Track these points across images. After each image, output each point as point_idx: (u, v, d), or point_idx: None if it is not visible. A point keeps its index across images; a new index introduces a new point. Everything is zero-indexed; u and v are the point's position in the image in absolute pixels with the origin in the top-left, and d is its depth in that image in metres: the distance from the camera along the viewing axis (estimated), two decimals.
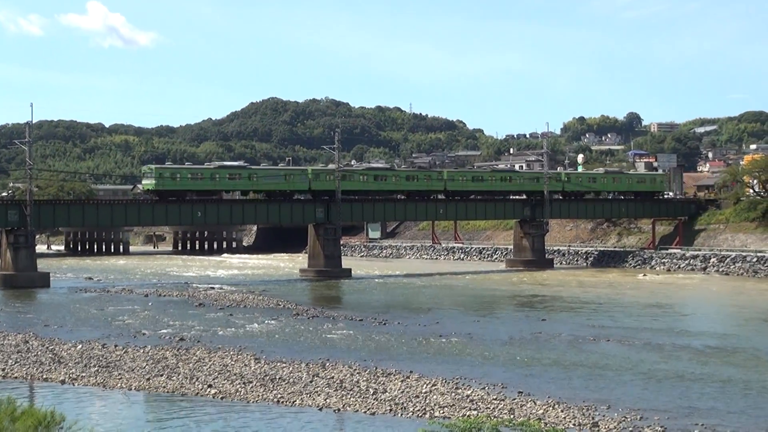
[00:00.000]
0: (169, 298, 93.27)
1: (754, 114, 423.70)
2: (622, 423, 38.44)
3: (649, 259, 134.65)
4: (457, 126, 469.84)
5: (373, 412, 40.53)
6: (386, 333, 66.04)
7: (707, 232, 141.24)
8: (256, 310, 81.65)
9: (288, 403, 42.43)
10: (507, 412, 39.49)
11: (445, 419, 35.39)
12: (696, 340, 62.64)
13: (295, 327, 69.43)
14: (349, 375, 48.23)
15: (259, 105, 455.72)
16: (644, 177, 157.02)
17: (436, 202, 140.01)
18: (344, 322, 72.74)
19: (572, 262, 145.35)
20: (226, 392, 44.61)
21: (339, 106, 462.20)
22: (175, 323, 71.52)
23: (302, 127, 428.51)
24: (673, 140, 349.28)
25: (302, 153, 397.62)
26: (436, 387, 45.06)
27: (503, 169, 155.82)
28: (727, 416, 40.06)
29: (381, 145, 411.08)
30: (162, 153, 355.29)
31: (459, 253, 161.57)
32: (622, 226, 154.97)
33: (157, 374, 48.87)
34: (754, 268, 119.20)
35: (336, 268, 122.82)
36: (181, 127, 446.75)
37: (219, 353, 55.40)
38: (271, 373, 49.06)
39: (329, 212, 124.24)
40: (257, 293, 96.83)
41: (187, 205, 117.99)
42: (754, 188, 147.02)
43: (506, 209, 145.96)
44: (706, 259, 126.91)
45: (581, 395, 43.96)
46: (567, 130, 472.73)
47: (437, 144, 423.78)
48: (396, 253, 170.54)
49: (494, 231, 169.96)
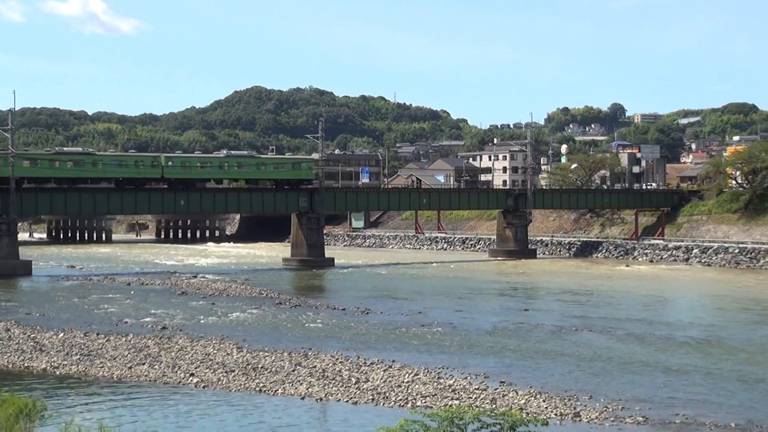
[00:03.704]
0: (151, 286, 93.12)
1: (737, 105, 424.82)
2: (603, 413, 38.49)
3: (631, 250, 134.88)
4: (441, 116, 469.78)
5: (356, 401, 40.51)
6: (369, 322, 66.02)
7: (690, 224, 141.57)
8: (239, 299, 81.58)
9: (270, 392, 42.37)
10: (489, 402, 39.50)
11: (427, 409, 35.41)
12: (677, 331, 62.75)
13: (278, 316, 69.37)
14: (331, 364, 48.19)
15: (243, 93, 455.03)
16: (284, 162, 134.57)
17: (419, 192, 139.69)
18: (327, 311, 72.71)
19: (555, 252, 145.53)
20: (208, 381, 44.54)
21: (323, 95, 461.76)
22: (157, 312, 71.39)
23: (286, 116, 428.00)
24: (657, 131, 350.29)
25: (286, 142, 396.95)
26: (418, 377, 45.04)
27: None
28: (708, 407, 40.14)
29: (365, 134, 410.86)
30: (145, 141, 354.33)
31: (442, 242, 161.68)
32: (605, 217, 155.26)
33: (139, 363, 48.77)
34: (736, 259, 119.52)
35: (319, 258, 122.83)
36: (164, 116, 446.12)
37: (201, 342, 55.31)
38: (253, 362, 48.98)
39: (312, 201, 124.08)
40: (240, 282, 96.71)
41: (170, 194, 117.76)
42: (737, 180, 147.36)
43: (489, 199, 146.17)
44: (688, 250, 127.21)
45: (563, 385, 44.00)
46: (551, 121, 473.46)
47: (421, 134, 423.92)
48: (379, 243, 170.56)
49: (477, 221, 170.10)
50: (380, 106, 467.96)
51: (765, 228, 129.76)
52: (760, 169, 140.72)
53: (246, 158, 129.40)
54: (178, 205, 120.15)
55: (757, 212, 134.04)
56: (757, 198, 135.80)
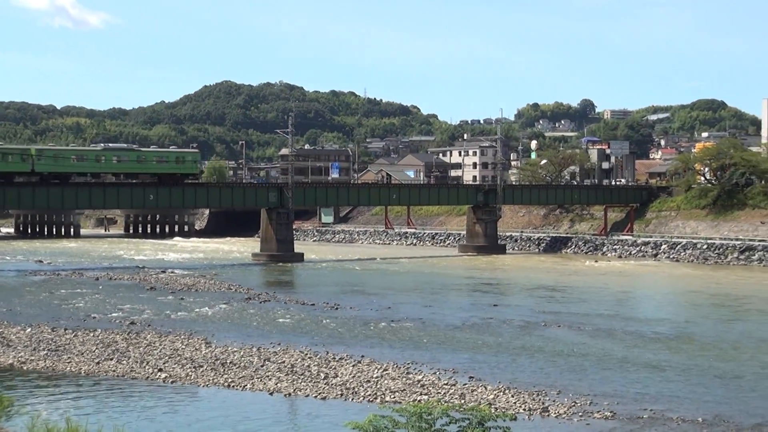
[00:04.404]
0: (120, 281, 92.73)
1: (706, 102, 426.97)
2: (572, 408, 38.62)
3: (600, 246, 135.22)
4: (411, 111, 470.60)
5: (324, 396, 40.50)
6: (338, 318, 65.99)
7: (658, 219, 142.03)
8: (208, 294, 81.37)
9: (239, 388, 42.31)
10: (458, 398, 39.57)
11: (396, 404, 35.38)
12: (646, 327, 62.99)
13: (247, 311, 69.27)
14: (300, 359, 48.16)
15: (213, 88, 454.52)
16: (167, 156, 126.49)
17: (389, 187, 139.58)
18: (296, 306, 72.65)
19: (524, 247, 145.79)
20: (176, 376, 44.45)
21: (293, 90, 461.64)
22: (125, 307, 71.15)
23: (256, 110, 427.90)
24: (626, 127, 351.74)
25: (256, 137, 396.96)
26: (387, 372, 45.07)
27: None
28: (676, 402, 40.32)
29: (335, 129, 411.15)
30: (114, 135, 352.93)
31: (412, 238, 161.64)
32: (575, 213, 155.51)
33: (107, 358, 48.62)
34: (705, 255, 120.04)
35: (288, 253, 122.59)
36: (133, 110, 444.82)
37: (170, 337, 55.20)
38: (222, 357, 48.92)
39: (282, 197, 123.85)
40: (209, 277, 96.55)
41: (139, 188, 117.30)
42: (706, 176, 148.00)
43: (459, 195, 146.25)
44: (657, 246, 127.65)
45: (531, 380, 44.12)
46: (521, 117, 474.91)
47: (391, 129, 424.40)
48: (349, 238, 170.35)
49: (447, 216, 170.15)
50: (350, 102, 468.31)
51: (733, 224, 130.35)
52: (728, 166, 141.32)
53: (125, 151, 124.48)
54: (147, 200, 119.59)
55: (725, 208, 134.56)
56: (725, 194, 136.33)
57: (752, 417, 38.11)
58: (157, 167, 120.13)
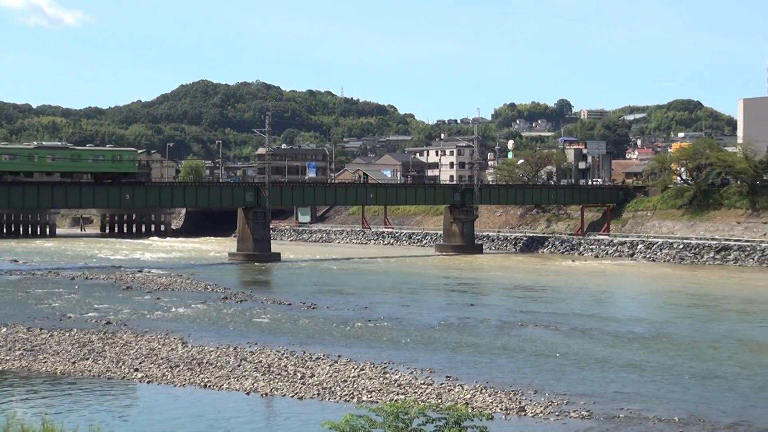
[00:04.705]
0: (96, 281, 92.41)
1: (682, 102, 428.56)
2: (548, 407, 38.66)
3: (577, 246, 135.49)
4: (388, 111, 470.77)
5: (301, 396, 40.43)
6: (315, 317, 65.92)
7: (635, 219, 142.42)
8: (184, 293, 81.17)
9: (215, 387, 42.21)
10: (435, 397, 39.56)
11: (373, 404, 35.31)
12: (622, 326, 63.11)
13: (224, 311, 69.12)
14: (277, 359, 48.08)
15: (190, 87, 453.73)
16: (104, 154, 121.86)
17: (366, 187, 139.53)
18: (273, 306, 72.53)
19: (501, 247, 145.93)
20: (152, 376, 44.30)
21: (270, 90, 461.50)
22: (101, 306, 70.90)
23: (233, 110, 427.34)
24: (603, 127, 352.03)
25: (232, 136, 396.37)
26: (364, 371, 45.03)
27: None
28: (652, 401, 40.39)
29: (312, 129, 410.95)
30: (90, 135, 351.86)
31: (389, 238, 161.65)
32: (551, 213, 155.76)
33: (83, 358, 48.41)
34: (681, 254, 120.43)
35: (265, 252, 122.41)
36: (110, 109, 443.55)
37: (146, 337, 55.03)
38: (198, 356, 48.80)
39: (259, 196, 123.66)
40: (185, 277, 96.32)
41: (116, 188, 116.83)
42: (682, 176, 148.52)
43: (436, 195, 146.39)
44: (633, 245, 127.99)
45: (508, 380, 44.14)
46: (498, 116, 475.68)
47: (368, 128, 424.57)
48: (326, 238, 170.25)
49: (424, 216, 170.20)
50: (327, 101, 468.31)
51: (709, 224, 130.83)
52: (704, 166, 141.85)
53: (60, 150, 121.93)
54: (123, 200, 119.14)
55: (701, 208, 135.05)
56: (702, 194, 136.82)
57: (728, 416, 38.23)
58: (93, 166, 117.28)
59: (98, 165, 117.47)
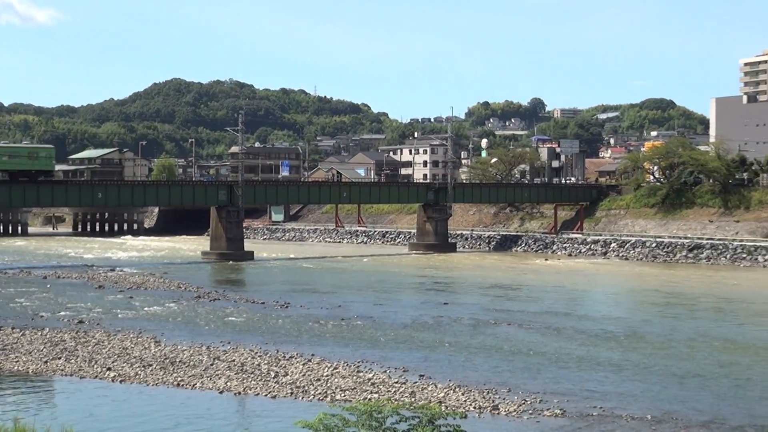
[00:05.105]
0: (68, 280, 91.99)
1: (655, 101, 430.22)
2: (522, 406, 38.68)
3: (550, 244, 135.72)
4: (361, 109, 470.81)
5: (275, 395, 40.35)
6: (288, 316, 65.82)
7: (608, 218, 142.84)
8: (157, 292, 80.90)
9: (188, 387, 42.07)
10: (408, 396, 39.53)
11: (346, 402, 35.27)
12: (595, 325, 63.23)
13: (197, 310, 68.94)
14: (250, 358, 47.97)
15: (162, 86, 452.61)
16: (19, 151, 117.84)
17: (339, 185, 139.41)
18: (246, 305, 72.36)
19: (475, 246, 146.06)
20: (125, 375, 44.13)
21: (243, 88, 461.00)
22: (74, 305, 70.59)
23: (206, 108, 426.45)
24: (576, 126, 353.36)
25: (205, 135, 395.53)
26: (337, 370, 44.97)
27: None
28: (626, 399, 40.47)
29: (285, 127, 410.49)
30: (62, 133, 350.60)
31: (362, 236, 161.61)
32: (525, 211, 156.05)
33: (55, 357, 48.18)
34: (653, 253, 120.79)
35: (238, 251, 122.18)
36: (82, 107, 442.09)
37: (119, 336, 54.82)
38: (171, 356, 48.64)
39: (232, 195, 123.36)
40: (158, 275, 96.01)
41: (88, 187, 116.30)
42: (654, 175, 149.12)
43: (410, 193, 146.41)
44: (606, 244, 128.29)
45: (482, 378, 44.15)
46: (471, 115, 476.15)
47: (342, 127, 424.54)
48: (299, 236, 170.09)
49: (398, 215, 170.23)
50: (301, 100, 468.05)
51: (681, 222, 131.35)
52: (677, 165, 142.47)
53: None
54: (95, 199, 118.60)
55: (674, 207, 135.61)
56: (674, 193, 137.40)
57: (702, 414, 38.30)
58: (8, 163, 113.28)
59: (13, 162, 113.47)
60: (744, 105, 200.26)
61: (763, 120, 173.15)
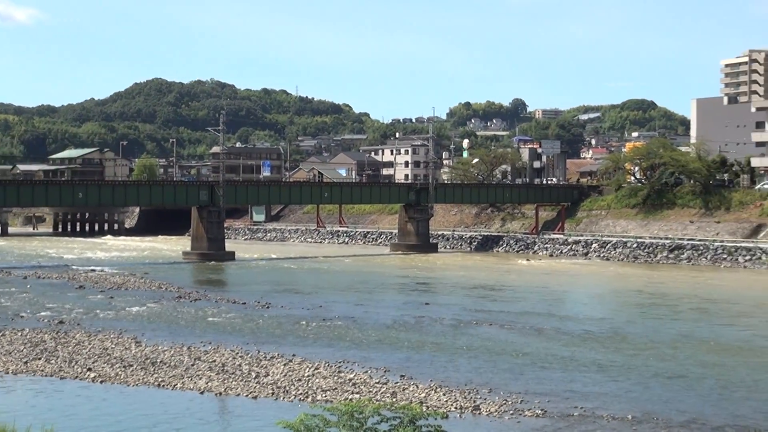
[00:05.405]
0: (48, 280, 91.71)
1: (636, 102, 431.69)
2: (503, 406, 38.67)
3: (532, 245, 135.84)
4: (343, 109, 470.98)
5: (256, 395, 40.27)
6: (270, 316, 65.72)
7: (589, 218, 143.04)
8: (138, 292, 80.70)
9: (169, 387, 41.95)
10: (389, 396, 39.50)
11: (328, 403, 35.24)
12: (576, 325, 63.27)
13: (178, 310, 68.79)
14: (231, 358, 47.88)
15: (143, 85, 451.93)
16: None
17: (321, 186, 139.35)
18: (227, 305, 72.24)
19: (456, 246, 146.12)
20: (106, 376, 43.98)
21: (224, 88, 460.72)
22: (54, 306, 70.36)
23: (187, 108, 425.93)
24: (558, 127, 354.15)
25: (187, 135, 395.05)
26: (318, 371, 44.90)
27: None
28: (607, 399, 40.50)
29: (267, 127, 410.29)
30: (43, 133, 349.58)
31: (343, 236, 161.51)
32: (506, 212, 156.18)
33: (35, 358, 47.99)
34: (634, 253, 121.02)
35: (219, 251, 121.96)
36: (62, 107, 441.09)
37: (99, 336, 54.64)
38: (152, 356, 48.51)
39: (213, 195, 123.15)
40: (139, 276, 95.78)
41: (68, 187, 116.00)
42: (636, 175, 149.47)
43: (391, 194, 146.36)
44: (587, 244, 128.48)
45: (463, 379, 44.13)
46: (453, 115, 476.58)
47: (323, 127, 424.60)
48: (280, 237, 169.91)
49: (379, 215, 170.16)
50: (282, 100, 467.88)
51: (662, 223, 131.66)
52: (657, 165, 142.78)
53: None
54: (76, 199, 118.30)
55: (655, 207, 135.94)
56: (655, 193, 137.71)
57: (684, 415, 38.32)
58: None
59: None
60: (725, 106, 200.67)
61: (743, 121, 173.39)
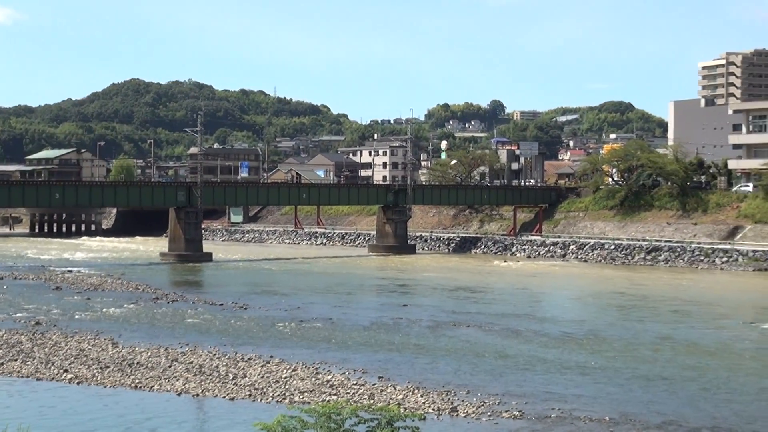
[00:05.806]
0: (25, 281, 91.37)
1: (614, 104, 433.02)
2: (480, 407, 38.66)
3: (510, 246, 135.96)
4: (321, 110, 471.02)
5: (233, 397, 40.17)
6: (247, 318, 65.60)
7: (567, 220, 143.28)
8: (115, 293, 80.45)
9: (146, 388, 41.81)
10: (367, 398, 39.45)
11: (305, 404, 35.16)
12: (553, 327, 63.31)
13: (155, 311, 68.58)
14: (208, 360, 47.77)
15: (121, 86, 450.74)
16: None
17: (299, 187, 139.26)
18: (204, 306, 72.09)
19: (434, 248, 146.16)
20: (82, 377, 43.82)
21: (202, 89, 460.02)
22: (31, 307, 70.10)
23: (164, 109, 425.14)
24: (536, 128, 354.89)
25: (164, 135, 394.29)
26: (296, 372, 44.83)
27: None
28: (584, 401, 40.52)
29: (244, 128, 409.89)
30: (20, 133, 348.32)
31: (321, 238, 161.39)
32: (484, 213, 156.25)
33: (12, 359, 47.79)
34: (612, 255, 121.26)
35: (197, 252, 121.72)
36: (39, 107, 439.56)
37: (76, 337, 54.43)
38: (129, 357, 48.35)
39: (190, 196, 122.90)
40: (116, 277, 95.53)
41: (45, 187, 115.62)
42: (613, 177, 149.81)
43: (369, 195, 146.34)
44: (565, 246, 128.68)
45: (441, 380, 44.10)
46: (431, 117, 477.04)
47: (301, 128, 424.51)
48: (258, 238, 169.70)
49: (357, 216, 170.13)
50: (260, 101, 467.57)
51: (640, 225, 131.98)
52: (635, 167, 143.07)
53: None
54: (53, 199, 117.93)
55: (633, 209, 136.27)
56: (633, 195, 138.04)
57: (661, 416, 38.35)
58: None
59: None
60: (702, 108, 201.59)
61: (720, 123, 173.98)
